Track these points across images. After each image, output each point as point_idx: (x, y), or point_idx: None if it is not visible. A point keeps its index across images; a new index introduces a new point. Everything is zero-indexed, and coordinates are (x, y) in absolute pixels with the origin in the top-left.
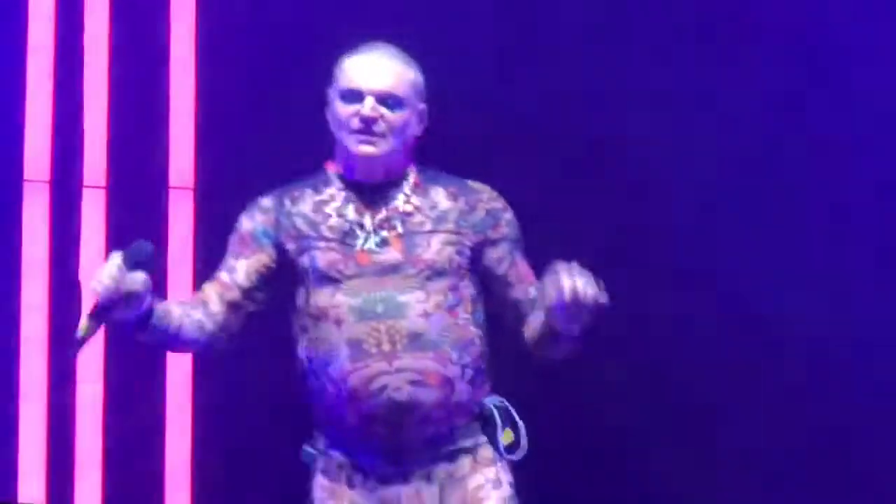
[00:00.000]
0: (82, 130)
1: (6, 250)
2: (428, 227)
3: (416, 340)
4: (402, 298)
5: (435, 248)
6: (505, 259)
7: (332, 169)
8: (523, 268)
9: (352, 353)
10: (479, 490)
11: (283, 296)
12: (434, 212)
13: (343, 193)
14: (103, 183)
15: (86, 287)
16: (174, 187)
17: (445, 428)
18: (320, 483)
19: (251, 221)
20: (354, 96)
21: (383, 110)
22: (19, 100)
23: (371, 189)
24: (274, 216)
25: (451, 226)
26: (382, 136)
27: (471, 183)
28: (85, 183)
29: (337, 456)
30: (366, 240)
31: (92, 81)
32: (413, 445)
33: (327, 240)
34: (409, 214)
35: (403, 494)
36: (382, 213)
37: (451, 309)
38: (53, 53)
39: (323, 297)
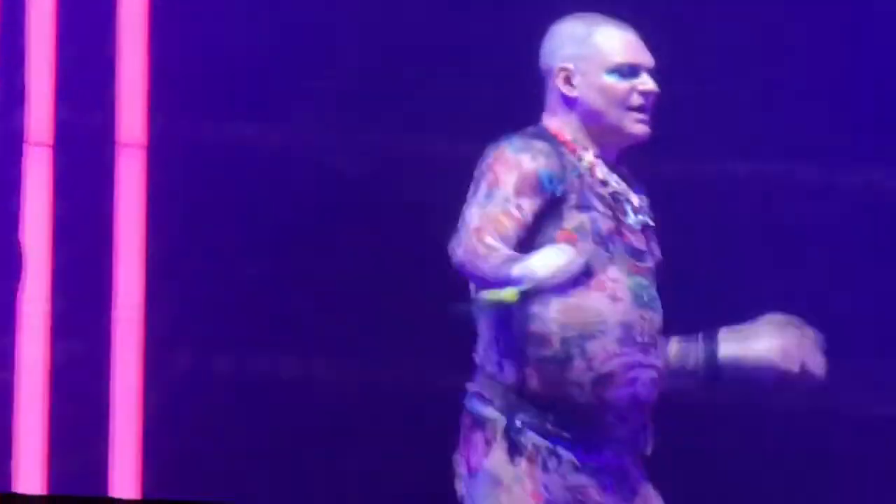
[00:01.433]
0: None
1: None
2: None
3: (660, 338)
4: (654, 292)
5: (656, 248)
6: None
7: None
8: None
9: (623, 336)
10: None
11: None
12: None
13: (603, 163)
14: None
15: (28, 250)
16: (124, 144)
17: (645, 429)
18: (507, 459)
19: (534, 161)
20: (630, 71)
21: None
22: None
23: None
24: (557, 161)
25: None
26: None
27: None
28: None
29: (534, 437)
30: (632, 215)
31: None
32: (621, 441)
33: (604, 203)
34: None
35: (589, 486)
36: (637, 196)
37: None
38: None
39: (598, 264)
